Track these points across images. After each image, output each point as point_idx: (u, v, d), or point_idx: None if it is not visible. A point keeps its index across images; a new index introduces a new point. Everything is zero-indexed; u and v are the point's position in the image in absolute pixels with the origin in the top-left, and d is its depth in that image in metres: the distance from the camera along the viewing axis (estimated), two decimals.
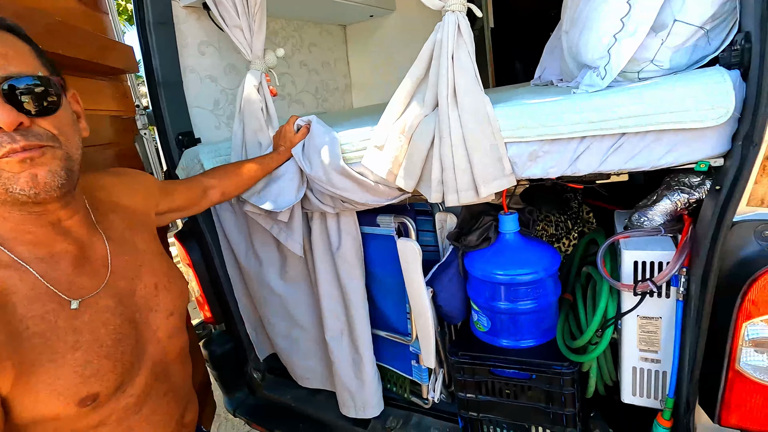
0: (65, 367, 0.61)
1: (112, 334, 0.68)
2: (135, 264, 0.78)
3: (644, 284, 0.95)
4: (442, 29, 0.97)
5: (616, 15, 0.87)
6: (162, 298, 0.80)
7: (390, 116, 1.05)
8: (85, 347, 0.64)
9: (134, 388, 0.71)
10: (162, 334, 0.79)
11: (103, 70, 1.25)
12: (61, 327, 0.62)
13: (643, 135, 0.84)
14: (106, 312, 0.69)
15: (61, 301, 0.64)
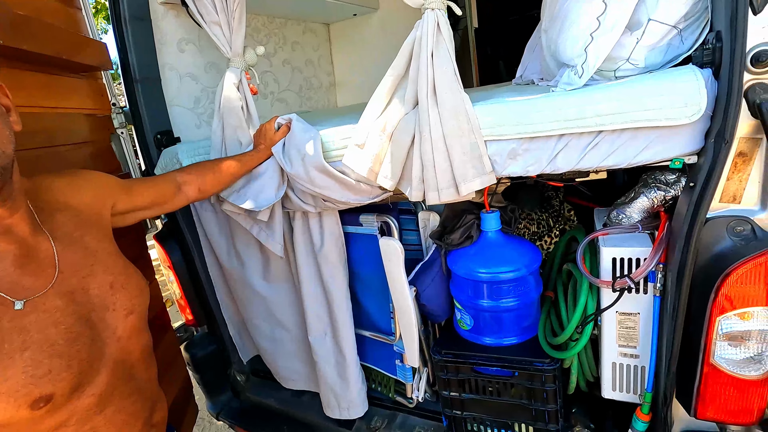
0: (13, 368, 0.60)
1: (64, 334, 0.67)
2: (86, 263, 0.76)
3: (622, 281, 0.96)
4: (422, 27, 0.97)
5: (592, 13, 0.88)
6: (119, 296, 0.79)
7: (371, 114, 1.05)
8: (34, 347, 0.62)
9: (94, 388, 0.70)
10: (122, 333, 0.78)
11: (75, 66, 1.22)
12: (6, 328, 0.61)
13: (620, 133, 0.84)
14: (56, 312, 0.68)
15: (4, 301, 0.63)
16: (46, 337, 0.64)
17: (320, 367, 1.44)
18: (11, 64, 1.00)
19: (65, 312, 0.69)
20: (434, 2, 0.96)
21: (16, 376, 0.60)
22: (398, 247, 1.18)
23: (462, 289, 1.22)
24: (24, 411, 0.61)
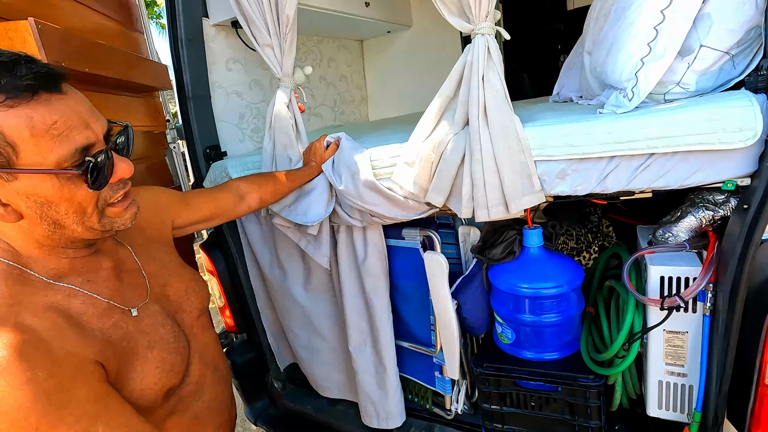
0: (147, 365, 0.67)
1: (170, 333, 0.75)
2: (163, 273, 0.84)
3: (672, 299, 0.97)
4: (472, 51, 1.01)
5: (643, 40, 0.90)
6: (192, 300, 0.87)
7: (420, 134, 1.09)
8: (158, 346, 0.70)
9: (191, 376, 0.78)
10: (197, 331, 0.86)
11: (137, 87, 1.30)
12: (133, 332, 0.68)
13: (671, 155, 0.87)
14: (158, 315, 0.75)
15: (122, 311, 0.70)
16: (161, 336, 0.72)
17: (360, 377, 1.47)
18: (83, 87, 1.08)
19: (163, 315, 0.76)
20: (484, 28, 1.00)
21: (151, 372, 0.67)
22: (443, 262, 1.21)
23: (504, 304, 1.25)
24: (158, 402, 0.68)
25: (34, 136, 0.53)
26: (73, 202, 0.59)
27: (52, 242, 0.63)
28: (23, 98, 0.53)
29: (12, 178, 0.55)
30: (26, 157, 0.54)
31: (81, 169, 0.57)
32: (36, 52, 0.78)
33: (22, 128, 0.53)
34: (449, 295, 1.24)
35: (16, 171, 0.54)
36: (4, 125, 0.52)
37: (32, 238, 0.61)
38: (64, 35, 0.80)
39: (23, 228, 0.60)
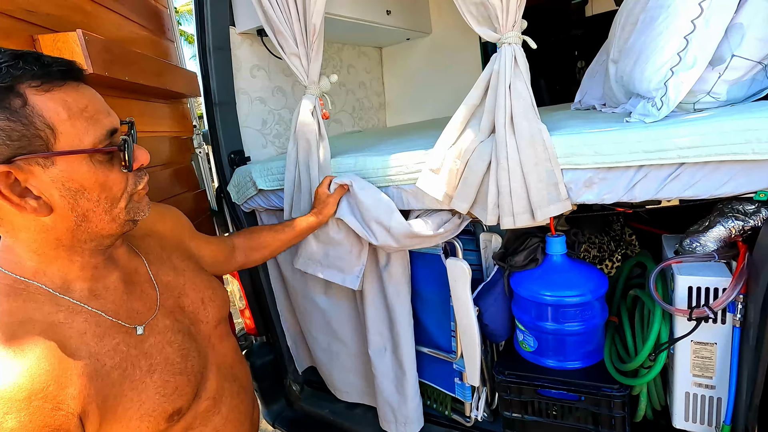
0: (147, 391, 0.63)
1: (178, 351, 0.71)
2: (178, 283, 0.81)
3: (701, 310, 0.96)
4: (499, 60, 1.02)
5: (672, 49, 0.90)
6: (210, 310, 0.84)
7: (446, 141, 1.10)
8: (159, 369, 0.66)
9: (208, 392, 0.76)
10: (215, 341, 0.84)
11: (169, 94, 1.34)
12: (134, 355, 0.64)
13: (702, 165, 0.86)
14: (167, 331, 0.71)
15: (127, 330, 0.66)
16: (166, 357, 0.68)
17: (379, 382, 1.48)
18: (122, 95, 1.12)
19: (173, 330, 0.73)
20: (511, 37, 1.01)
21: (151, 398, 0.63)
22: (466, 269, 1.21)
23: (526, 311, 1.24)
24: (162, 425, 0.65)
25: (70, 118, 0.55)
26: (105, 186, 0.59)
27: (72, 240, 0.61)
28: (55, 84, 0.54)
29: (50, 164, 0.55)
30: (64, 139, 0.55)
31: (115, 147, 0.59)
32: (83, 61, 0.81)
33: (59, 110, 0.54)
34: (471, 302, 1.24)
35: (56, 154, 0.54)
36: (43, 108, 0.53)
37: (53, 237, 0.59)
38: (107, 45, 0.84)
39: (47, 225, 0.58)
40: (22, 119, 0.52)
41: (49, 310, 0.58)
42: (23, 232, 0.58)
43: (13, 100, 0.51)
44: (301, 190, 1.36)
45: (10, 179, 0.53)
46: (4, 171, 0.52)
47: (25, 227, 0.57)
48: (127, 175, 0.62)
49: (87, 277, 0.64)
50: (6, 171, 0.52)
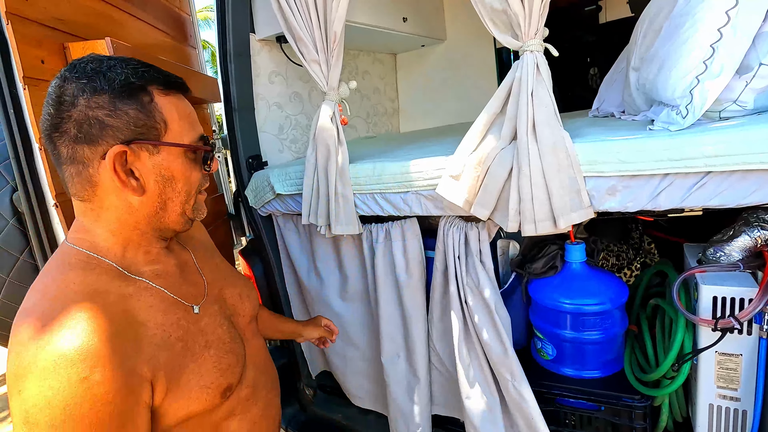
0: (205, 364, 0.68)
1: (227, 333, 0.76)
2: (220, 276, 0.87)
3: (726, 320, 0.94)
4: (521, 67, 1.02)
5: (698, 57, 0.90)
6: (246, 305, 0.89)
7: (466, 147, 1.10)
8: (214, 346, 0.71)
9: (248, 380, 0.80)
10: (249, 336, 0.88)
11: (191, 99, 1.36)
12: (193, 330, 0.70)
13: (729, 174, 0.85)
14: (216, 315, 0.77)
15: (186, 308, 0.72)
16: (218, 336, 0.73)
17: (391, 389, 1.48)
18: None
19: (221, 315, 0.78)
20: (533, 45, 1.02)
21: (209, 371, 0.68)
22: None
23: (544, 319, 1.24)
24: (217, 399, 0.69)
25: (179, 119, 0.67)
26: (188, 181, 0.69)
27: (147, 226, 0.69)
28: (173, 91, 0.67)
29: (156, 152, 0.65)
30: (171, 134, 0.66)
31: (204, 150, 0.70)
32: None
33: (173, 111, 0.66)
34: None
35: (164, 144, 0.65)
36: (163, 106, 0.65)
37: (133, 220, 0.67)
38: (134, 52, 0.87)
39: (133, 207, 0.66)
40: (147, 112, 0.63)
41: (120, 284, 0.64)
42: (108, 212, 0.65)
43: (144, 97, 0.63)
44: (319, 194, 1.37)
45: (122, 158, 0.62)
46: (121, 150, 0.61)
47: (114, 207, 0.65)
48: (202, 175, 0.73)
49: (150, 260, 0.71)
50: (123, 150, 0.62)
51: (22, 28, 0.75)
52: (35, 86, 0.77)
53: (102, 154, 0.61)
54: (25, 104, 0.76)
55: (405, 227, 1.35)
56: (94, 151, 0.61)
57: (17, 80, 0.76)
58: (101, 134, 0.61)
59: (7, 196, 0.88)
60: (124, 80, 0.62)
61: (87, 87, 0.60)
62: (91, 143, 0.61)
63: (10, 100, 0.76)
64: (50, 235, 0.80)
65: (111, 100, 0.61)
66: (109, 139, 0.61)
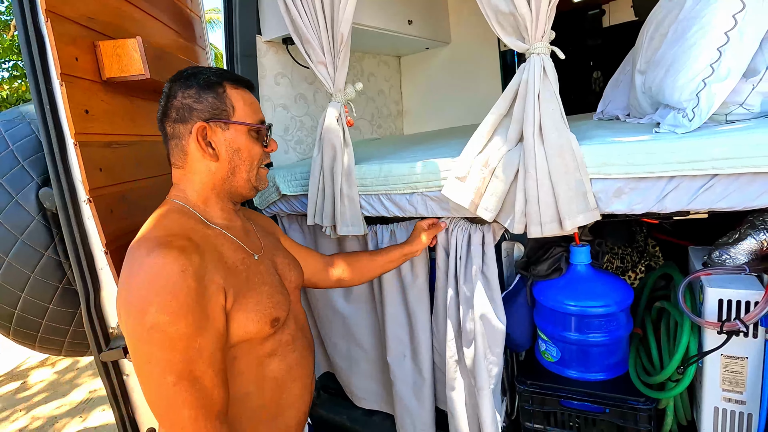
0: (261, 294, 0.84)
1: (278, 282, 0.93)
2: (275, 247, 1.03)
3: (732, 323, 0.94)
4: (528, 70, 1.03)
5: (705, 60, 0.91)
6: (293, 274, 1.03)
7: (472, 149, 1.11)
8: (268, 284, 0.87)
9: (290, 328, 0.93)
10: (294, 298, 0.99)
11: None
12: (253, 270, 0.87)
13: (737, 176, 0.86)
14: (270, 267, 0.94)
15: (248, 253, 0.90)
16: (272, 281, 0.89)
17: (397, 388, 1.48)
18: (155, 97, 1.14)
19: (272, 270, 0.94)
20: (540, 48, 1.02)
21: (263, 301, 0.83)
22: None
23: (549, 321, 1.24)
24: (267, 327, 0.82)
25: (244, 106, 0.88)
26: (250, 153, 0.89)
27: (221, 188, 0.88)
28: (241, 86, 0.90)
29: (226, 128, 0.86)
30: (237, 116, 0.87)
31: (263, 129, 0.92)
32: (141, 66, 0.87)
33: (239, 99, 0.88)
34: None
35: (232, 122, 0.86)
36: (232, 96, 0.87)
37: (211, 181, 0.87)
38: (158, 51, 0.90)
39: (211, 170, 0.86)
40: (221, 99, 0.86)
41: (202, 227, 0.84)
42: (195, 175, 0.87)
43: (219, 88, 0.86)
44: (324, 195, 1.38)
45: (203, 132, 0.84)
46: (202, 126, 0.83)
47: (198, 171, 0.86)
48: (262, 151, 0.93)
49: (224, 216, 0.91)
50: (203, 126, 0.83)
51: (59, 26, 0.77)
52: (70, 83, 0.78)
53: (191, 129, 0.83)
54: (61, 101, 0.77)
55: (410, 229, 1.35)
56: (185, 128, 0.84)
57: (53, 77, 0.77)
58: (190, 115, 0.83)
59: (33, 193, 0.89)
60: (207, 78, 0.85)
61: (183, 84, 0.84)
62: (184, 122, 0.84)
63: (47, 96, 0.77)
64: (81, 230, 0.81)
65: (197, 91, 0.84)
66: (195, 119, 0.83)
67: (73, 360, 3.36)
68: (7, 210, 0.90)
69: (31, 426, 2.61)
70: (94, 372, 3.13)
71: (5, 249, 0.90)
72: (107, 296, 0.86)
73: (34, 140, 0.95)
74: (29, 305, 0.92)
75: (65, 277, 0.94)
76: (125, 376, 0.89)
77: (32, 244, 0.90)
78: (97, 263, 0.84)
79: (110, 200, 0.86)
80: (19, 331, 0.96)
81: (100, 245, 0.83)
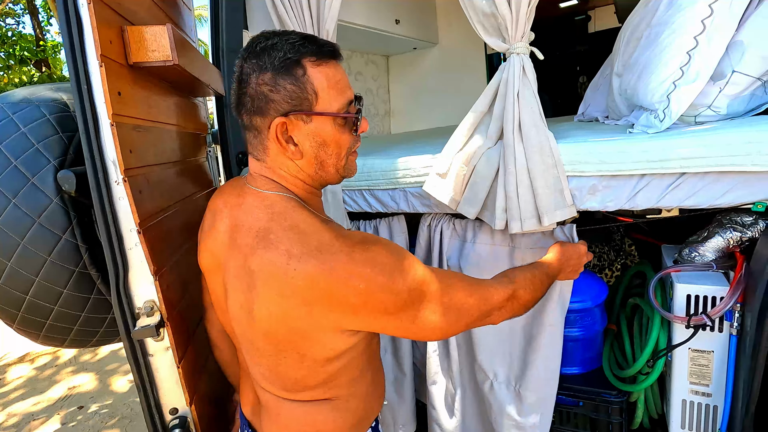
0: None
1: None
2: None
3: (698, 317, 0.98)
4: (508, 69, 1.05)
5: (676, 63, 0.94)
6: None
7: (453, 146, 1.13)
8: None
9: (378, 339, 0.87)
10: None
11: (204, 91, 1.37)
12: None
13: (703, 175, 0.89)
14: None
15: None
16: None
17: None
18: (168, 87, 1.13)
19: None
20: (519, 48, 1.05)
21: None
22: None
23: None
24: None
25: (328, 87, 0.70)
26: (338, 144, 0.74)
27: (311, 182, 0.77)
28: (324, 60, 0.70)
29: (309, 121, 0.71)
30: (321, 104, 0.70)
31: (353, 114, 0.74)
32: (170, 53, 0.86)
33: (323, 81, 0.70)
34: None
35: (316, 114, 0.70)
36: (314, 78, 0.69)
37: (302, 177, 0.75)
38: (180, 39, 0.90)
39: (297, 168, 0.74)
40: (300, 85, 0.68)
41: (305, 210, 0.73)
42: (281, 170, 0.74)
43: (298, 70, 0.68)
44: None
45: (284, 128, 0.70)
46: (282, 121, 0.69)
47: (285, 166, 0.74)
48: (352, 137, 0.77)
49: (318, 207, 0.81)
50: (283, 122, 0.69)
51: (98, 8, 0.78)
52: (109, 65, 0.79)
53: (269, 124, 0.70)
54: (99, 82, 0.78)
55: (393, 224, 1.37)
56: (263, 121, 0.70)
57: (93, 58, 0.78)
58: (267, 107, 0.69)
59: (50, 175, 0.88)
60: (283, 57, 0.68)
61: (256, 66, 0.68)
62: (261, 114, 0.70)
63: (84, 77, 0.78)
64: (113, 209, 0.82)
65: (272, 77, 0.68)
66: (273, 112, 0.69)
67: (53, 356, 3.30)
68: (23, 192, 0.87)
69: (6, 423, 2.55)
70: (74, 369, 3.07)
71: (21, 232, 0.87)
72: (134, 276, 0.86)
73: (46, 123, 0.94)
74: (43, 290, 0.90)
75: (81, 261, 0.92)
76: (150, 356, 0.89)
77: (50, 227, 0.88)
78: (126, 243, 0.84)
79: (139, 182, 0.86)
80: (26, 318, 0.93)
81: (131, 225, 0.84)
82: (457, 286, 0.71)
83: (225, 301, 0.77)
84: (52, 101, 0.98)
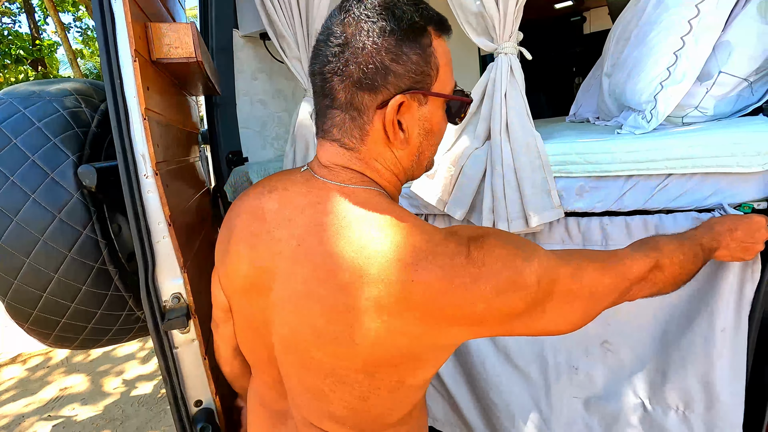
0: None
1: None
2: None
3: None
4: (495, 69, 1.05)
5: (663, 64, 0.94)
6: None
7: (441, 147, 1.12)
8: None
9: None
10: None
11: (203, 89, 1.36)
12: None
13: (690, 176, 0.89)
14: None
15: None
16: None
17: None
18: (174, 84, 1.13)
19: None
20: (507, 48, 1.04)
21: None
22: None
23: None
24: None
25: (446, 64, 0.59)
26: (441, 133, 0.64)
27: (403, 177, 0.65)
28: (443, 34, 0.59)
29: (424, 102, 0.58)
30: (438, 83, 0.58)
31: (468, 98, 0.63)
32: (192, 50, 0.87)
33: (443, 56, 0.58)
34: None
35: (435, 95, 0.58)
36: (438, 51, 0.57)
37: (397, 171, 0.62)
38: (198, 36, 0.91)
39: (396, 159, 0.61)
40: (426, 57, 0.55)
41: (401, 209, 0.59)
42: (377, 162, 0.60)
43: (425, 39, 0.55)
44: None
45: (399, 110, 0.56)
46: (401, 100, 0.55)
47: (382, 158, 0.60)
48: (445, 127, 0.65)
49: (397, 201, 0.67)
50: (404, 101, 0.55)
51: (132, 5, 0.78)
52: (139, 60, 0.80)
53: (379, 103, 0.55)
54: (132, 77, 0.78)
55: None
56: (372, 99, 0.55)
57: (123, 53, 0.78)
58: (384, 81, 0.54)
59: (70, 170, 0.86)
60: (410, 19, 0.54)
61: (376, 26, 0.53)
62: (372, 90, 0.55)
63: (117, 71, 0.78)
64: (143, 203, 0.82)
65: (398, 43, 0.53)
66: (390, 87, 0.55)
67: (45, 357, 3.28)
68: (42, 188, 0.85)
69: None
70: (65, 370, 3.06)
71: (41, 228, 0.85)
72: (161, 269, 0.86)
73: (61, 118, 0.92)
74: (61, 287, 0.88)
75: (101, 257, 0.91)
76: (176, 349, 0.89)
77: (71, 222, 0.87)
78: (154, 237, 0.84)
79: (166, 175, 0.87)
80: (41, 317, 0.91)
81: (159, 218, 0.84)
82: (587, 267, 0.58)
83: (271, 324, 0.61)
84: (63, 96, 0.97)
